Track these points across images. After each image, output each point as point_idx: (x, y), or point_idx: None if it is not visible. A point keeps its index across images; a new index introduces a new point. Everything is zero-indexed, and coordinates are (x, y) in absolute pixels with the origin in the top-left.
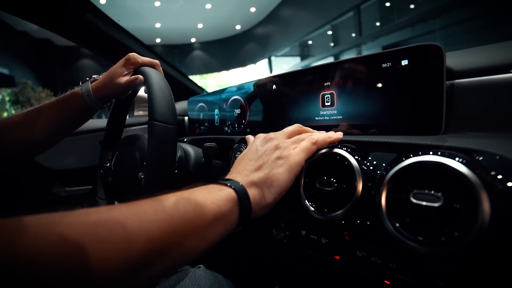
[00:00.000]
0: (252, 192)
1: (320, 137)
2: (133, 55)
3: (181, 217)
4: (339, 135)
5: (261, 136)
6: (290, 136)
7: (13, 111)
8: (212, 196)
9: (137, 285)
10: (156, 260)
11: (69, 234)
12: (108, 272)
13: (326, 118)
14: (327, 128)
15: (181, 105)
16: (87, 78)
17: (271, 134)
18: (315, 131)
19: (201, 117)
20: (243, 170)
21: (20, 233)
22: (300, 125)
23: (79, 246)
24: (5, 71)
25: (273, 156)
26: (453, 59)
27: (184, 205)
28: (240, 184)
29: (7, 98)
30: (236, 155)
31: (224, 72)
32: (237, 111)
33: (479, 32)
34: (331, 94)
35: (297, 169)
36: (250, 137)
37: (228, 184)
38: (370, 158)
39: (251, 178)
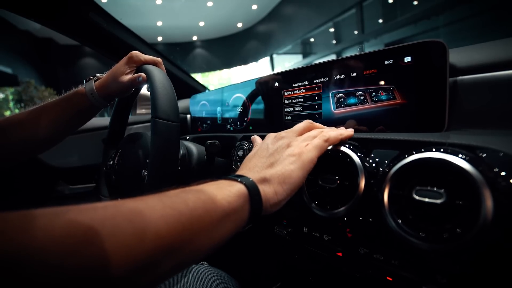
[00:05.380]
0: (263, 189)
1: (332, 134)
2: (136, 53)
3: (190, 214)
4: (350, 131)
5: (272, 135)
6: (301, 133)
7: (16, 110)
8: (222, 192)
9: (143, 284)
10: (164, 258)
11: (75, 230)
12: (114, 270)
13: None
14: (330, 126)
15: (183, 103)
16: (91, 77)
17: (282, 133)
18: (325, 127)
19: (203, 115)
20: (254, 167)
21: (26, 226)
22: (311, 121)
23: (85, 243)
24: (8, 70)
25: (285, 153)
26: (457, 56)
27: (194, 201)
28: (251, 180)
29: (10, 97)
30: (239, 152)
31: (226, 70)
32: (239, 108)
33: (483, 29)
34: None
35: (309, 166)
36: (256, 137)
37: (239, 180)
38: (372, 155)
39: (263, 174)
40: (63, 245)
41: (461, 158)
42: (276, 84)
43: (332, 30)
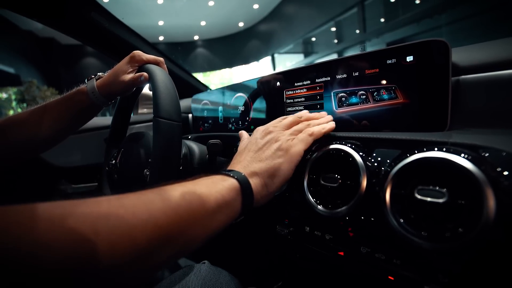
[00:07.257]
0: (254, 182)
1: (315, 129)
2: (138, 52)
3: (187, 206)
4: (332, 125)
5: (260, 128)
6: (288, 127)
7: (19, 110)
8: (215, 186)
9: (144, 272)
10: (163, 247)
11: (81, 226)
12: (117, 259)
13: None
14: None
15: (185, 103)
16: (92, 76)
17: (270, 127)
18: (313, 119)
19: (205, 114)
20: (244, 160)
21: (34, 222)
22: (299, 116)
23: (91, 236)
24: (11, 70)
25: (273, 147)
26: (459, 55)
27: (190, 195)
28: (243, 174)
29: (13, 97)
30: None
31: (227, 70)
32: (241, 108)
33: (486, 28)
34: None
35: (297, 159)
36: (243, 132)
37: (231, 175)
38: (374, 154)
39: (253, 168)
40: (69, 243)
41: (463, 157)
42: (278, 83)
43: (333, 29)
